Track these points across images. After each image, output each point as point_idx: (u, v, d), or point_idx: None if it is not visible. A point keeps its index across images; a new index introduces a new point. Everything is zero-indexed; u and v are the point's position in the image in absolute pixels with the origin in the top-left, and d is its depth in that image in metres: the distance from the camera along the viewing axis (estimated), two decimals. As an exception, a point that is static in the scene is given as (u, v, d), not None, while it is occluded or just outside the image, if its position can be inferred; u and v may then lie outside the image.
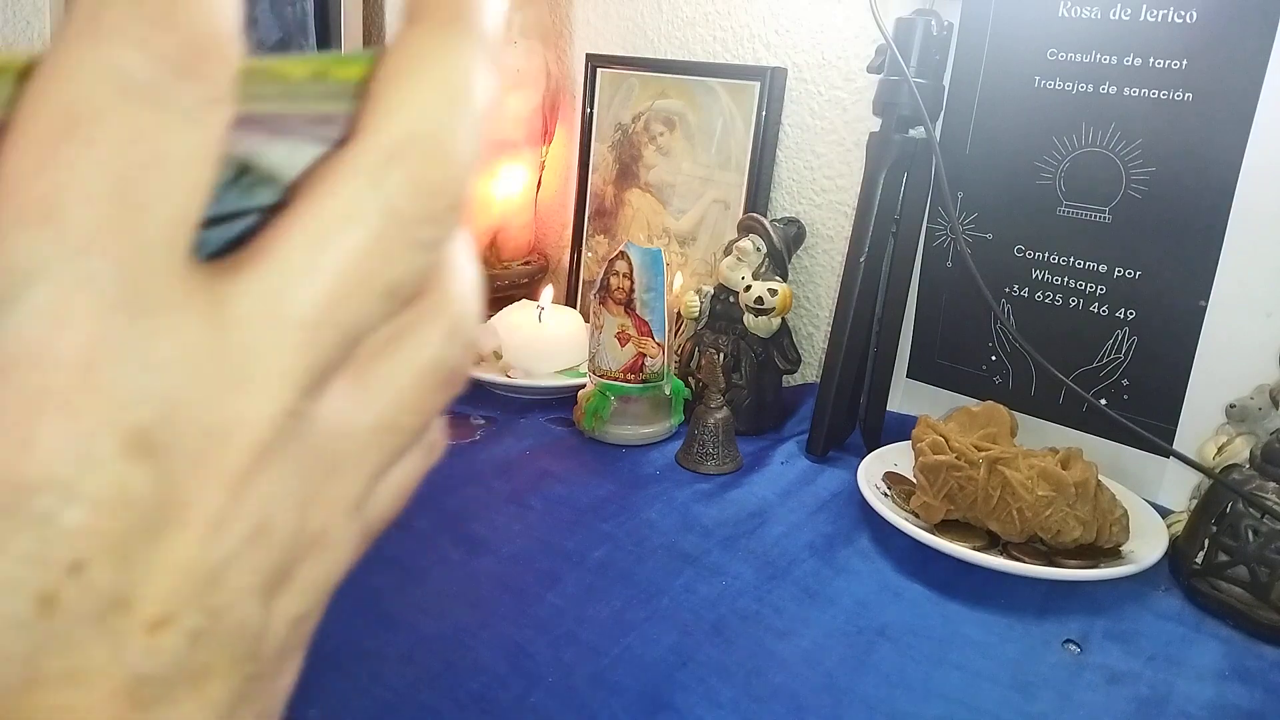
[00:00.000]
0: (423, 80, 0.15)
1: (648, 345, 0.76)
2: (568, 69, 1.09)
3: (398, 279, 0.15)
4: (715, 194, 0.94)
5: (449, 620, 0.53)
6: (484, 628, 0.52)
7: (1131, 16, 0.67)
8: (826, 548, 0.63)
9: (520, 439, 0.78)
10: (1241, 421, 0.65)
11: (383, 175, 0.14)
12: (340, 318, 0.14)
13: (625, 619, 0.54)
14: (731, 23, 0.94)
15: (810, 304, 0.94)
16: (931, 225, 0.79)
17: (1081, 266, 0.72)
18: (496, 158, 1.02)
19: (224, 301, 0.14)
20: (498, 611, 0.54)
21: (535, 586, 0.57)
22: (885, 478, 0.70)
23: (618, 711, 0.46)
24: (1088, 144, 0.71)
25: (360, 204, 0.14)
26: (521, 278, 1.07)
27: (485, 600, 0.55)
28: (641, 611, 0.55)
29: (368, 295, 0.15)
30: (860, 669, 0.51)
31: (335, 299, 0.14)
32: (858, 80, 0.86)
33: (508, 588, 0.57)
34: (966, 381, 0.80)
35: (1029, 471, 0.60)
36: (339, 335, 0.15)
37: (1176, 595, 0.59)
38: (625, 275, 0.76)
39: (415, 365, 0.16)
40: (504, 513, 0.65)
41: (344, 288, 0.14)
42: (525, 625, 0.53)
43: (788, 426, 0.83)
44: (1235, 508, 0.57)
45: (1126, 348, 0.71)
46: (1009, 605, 0.57)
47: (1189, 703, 0.49)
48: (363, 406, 0.16)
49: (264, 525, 0.15)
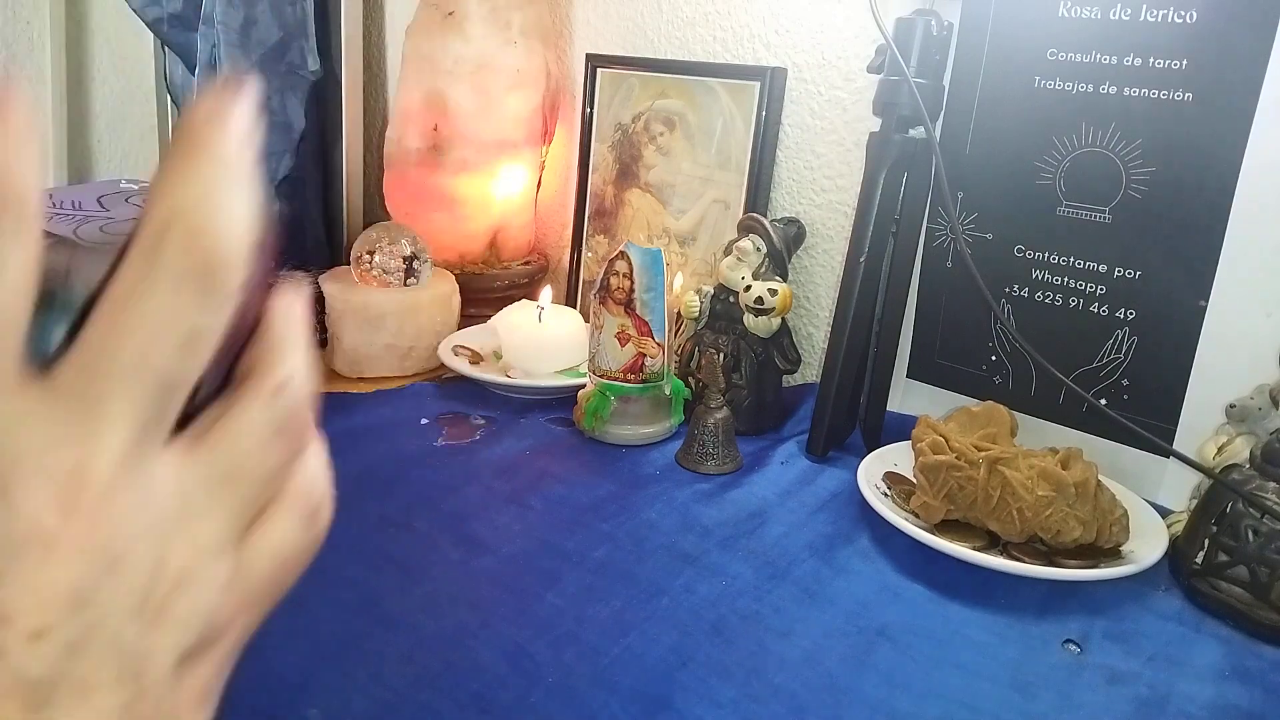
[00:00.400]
0: (178, 178, 0.18)
1: (648, 345, 0.76)
2: (568, 69, 1.09)
3: (190, 330, 0.18)
4: (715, 194, 0.94)
5: (449, 620, 0.53)
6: (484, 628, 0.52)
7: (1131, 16, 0.67)
8: (826, 548, 0.63)
9: (520, 439, 0.78)
10: (1241, 421, 0.65)
11: (157, 247, 0.18)
12: (148, 370, 0.18)
13: (625, 619, 0.54)
14: (731, 23, 0.94)
15: (810, 304, 0.94)
16: (931, 225, 0.79)
17: (1081, 266, 0.72)
18: (496, 159, 1.02)
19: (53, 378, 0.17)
20: (498, 611, 0.54)
21: (535, 586, 0.57)
22: (885, 478, 0.70)
23: (618, 711, 0.46)
24: (1088, 144, 0.71)
25: (143, 273, 0.18)
26: (521, 278, 1.07)
27: (485, 600, 0.55)
28: (641, 611, 0.55)
29: (168, 345, 0.18)
30: (860, 669, 0.51)
31: (141, 352, 0.17)
32: (858, 80, 0.86)
33: (508, 588, 0.57)
34: (966, 381, 0.80)
35: (1029, 471, 0.60)
36: (151, 385, 0.18)
37: (1176, 595, 0.59)
38: (625, 275, 0.76)
39: (245, 422, 0.20)
40: (504, 513, 0.65)
41: (146, 342, 0.17)
42: (525, 625, 0.53)
43: (788, 426, 0.83)
44: (1235, 508, 0.57)
45: (1126, 348, 0.71)
46: (1009, 605, 0.57)
47: (1189, 703, 0.49)
48: (203, 461, 0.19)
49: (122, 554, 0.17)
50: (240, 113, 0.19)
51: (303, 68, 1.15)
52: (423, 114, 1.01)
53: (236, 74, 0.19)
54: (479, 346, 0.91)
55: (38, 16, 1.51)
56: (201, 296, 0.18)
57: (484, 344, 0.92)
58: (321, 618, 0.52)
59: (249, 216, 0.19)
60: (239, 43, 1.14)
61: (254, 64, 1.14)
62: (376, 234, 0.91)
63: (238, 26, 1.13)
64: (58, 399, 0.17)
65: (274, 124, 1.16)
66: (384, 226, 0.92)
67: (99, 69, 1.57)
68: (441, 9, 0.99)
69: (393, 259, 0.89)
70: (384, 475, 0.70)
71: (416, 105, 1.01)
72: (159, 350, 0.18)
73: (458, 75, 0.99)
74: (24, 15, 1.51)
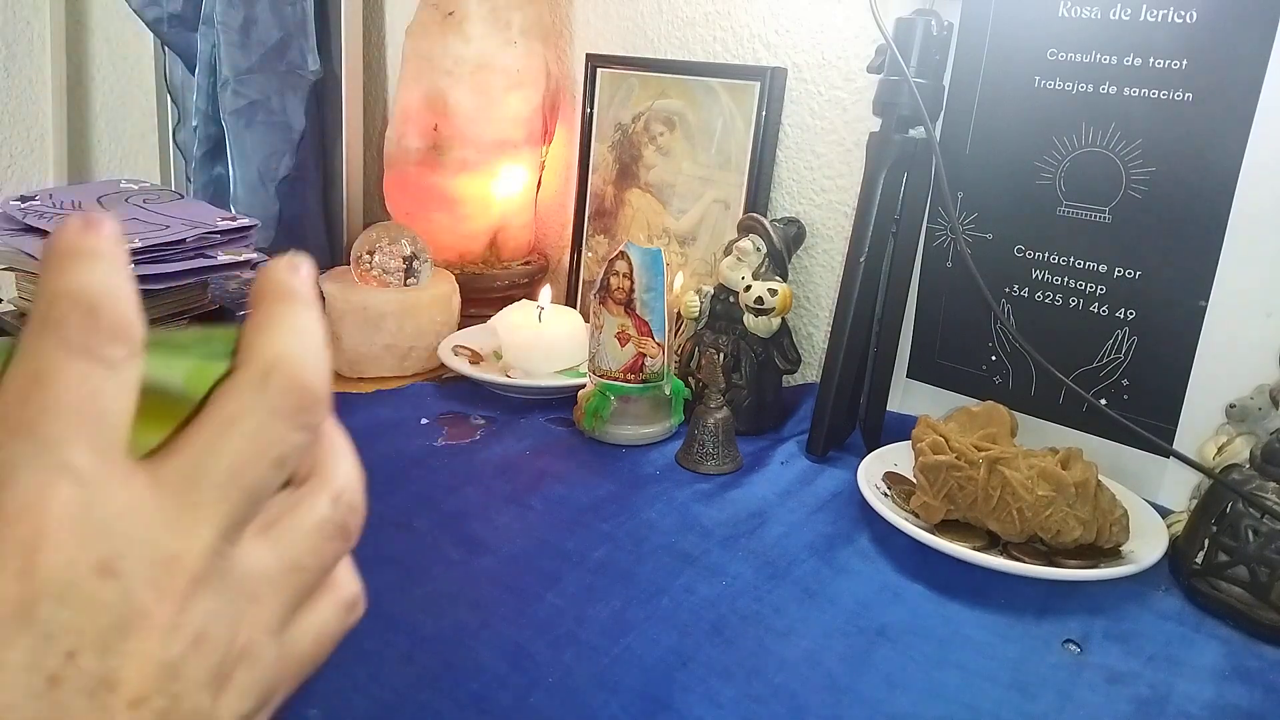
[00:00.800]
0: (279, 325, 0.22)
1: (648, 345, 0.76)
2: (568, 69, 1.09)
3: (283, 453, 0.22)
4: (715, 194, 0.94)
5: (449, 620, 0.53)
6: (484, 628, 0.52)
7: (1131, 16, 0.67)
8: (826, 548, 0.63)
9: (520, 439, 0.78)
10: (1241, 421, 0.65)
11: (262, 384, 0.22)
12: (244, 482, 0.21)
13: (625, 619, 0.54)
14: (731, 23, 0.94)
15: (810, 304, 0.94)
16: (931, 225, 0.79)
17: (1081, 266, 0.72)
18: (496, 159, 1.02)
19: (157, 473, 0.21)
20: (498, 611, 0.54)
21: (535, 586, 0.57)
22: (885, 478, 0.70)
23: (618, 711, 0.46)
24: (1088, 144, 0.71)
25: (247, 404, 0.21)
26: (521, 278, 1.07)
27: (485, 600, 0.55)
28: (641, 611, 0.55)
29: (262, 465, 0.21)
30: (860, 669, 0.51)
31: (237, 468, 0.21)
32: (858, 80, 0.86)
33: (508, 588, 0.57)
34: (966, 381, 0.80)
35: (1029, 471, 0.60)
36: (244, 495, 0.21)
37: (1176, 595, 0.59)
38: (625, 275, 0.76)
39: (310, 522, 0.23)
40: (504, 513, 0.65)
41: (243, 461, 0.21)
42: (525, 625, 0.53)
43: (788, 426, 0.83)
44: (1235, 508, 0.57)
45: (1126, 348, 0.71)
46: (1009, 605, 0.57)
47: (1189, 703, 0.49)
48: (272, 552, 0.22)
49: (204, 633, 0.21)
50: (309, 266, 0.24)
51: (303, 68, 1.15)
52: (423, 114, 1.01)
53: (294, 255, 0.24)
54: (479, 346, 0.91)
55: (38, 16, 1.51)
56: (296, 429, 0.22)
57: (484, 344, 0.92)
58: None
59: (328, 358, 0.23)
60: (239, 43, 1.14)
61: (254, 64, 1.14)
62: (376, 234, 0.91)
63: (238, 26, 1.13)
64: (163, 493, 0.20)
65: (274, 124, 1.16)
66: (384, 226, 0.92)
67: (99, 69, 1.57)
68: (441, 9, 0.99)
69: (393, 259, 0.89)
70: (384, 475, 0.70)
71: (416, 105, 1.01)
72: (256, 468, 0.21)
73: (458, 75, 0.99)
74: (24, 15, 1.51)
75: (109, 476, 0.20)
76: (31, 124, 1.54)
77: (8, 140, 1.53)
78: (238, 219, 0.91)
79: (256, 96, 1.15)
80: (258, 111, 1.16)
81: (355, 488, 0.25)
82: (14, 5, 1.49)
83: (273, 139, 1.16)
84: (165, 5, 1.24)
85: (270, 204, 1.17)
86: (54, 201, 0.91)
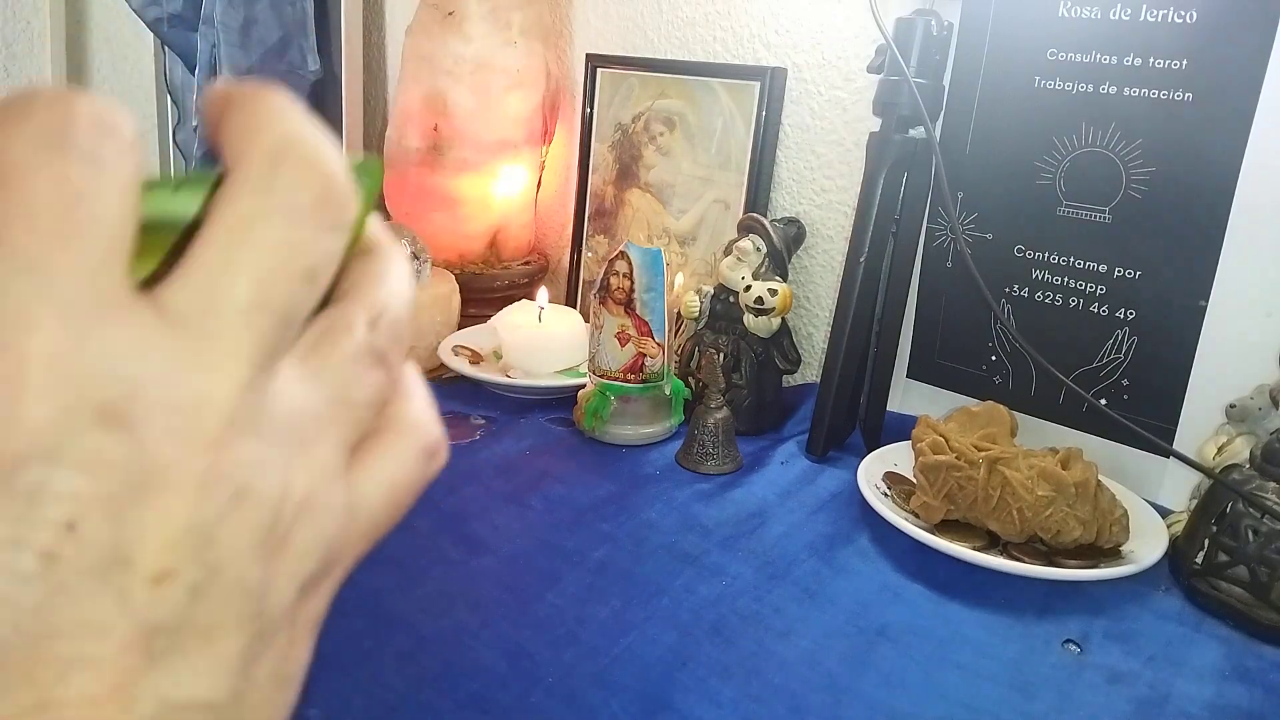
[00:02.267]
0: (273, 118, 0.18)
1: (648, 345, 0.76)
2: (568, 69, 1.09)
3: (313, 263, 0.17)
4: (715, 194, 0.94)
5: (449, 620, 0.53)
6: (484, 628, 0.52)
7: (1131, 16, 0.67)
8: (826, 548, 0.63)
9: (520, 439, 0.78)
10: (1241, 421, 0.65)
11: (271, 177, 0.17)
12: (270, 301, 0.17)
13: (625, 619, 0.54)
14: (731, 23, 0.94)
15: (810, 304, 0.94)
16: (931, 225, 0.79)
17: (1081, 266, 0.72)
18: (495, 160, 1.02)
19: (165, 303, 0.16)
20: (498, 611, 0.54)
21: (535, 586, 0.57)
22: (885, 478, 0.70)
23: (618, 711, 0.46)
24: (1088, 144, 0.71)
25: (259, 203, 0.17)
26: (521, 278, 1.07)
27: (485, 600, 0.55)
28: (641, 611, 0.55)
29: (289, 279, 0.17)
30: (860, 669, 0.51)
31: (261, 286, 0.17)
32: (858, 80, 0.86)
33: (508, 588, 0.57)
34: (966, 381, 0.80)
35: (1029, 471, 0.60)
36: (274, 317, 0.17)
37: (1176, 595, 0.59)
38: (625, 275, 0.76)
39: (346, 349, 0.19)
40: (504, 513, 0.65)
41: (267, 275, 0.17)
42: (525, 625, 0.53)
43: (788, 426, 0.83)
44: (1235, 508, 0.57)
45: (1126, 348, 0.71)
46: (1009, 605, 0.57)
47: (1189, 703, 0.49)
48: (314, 384, 0.18)
49: (245, 488, 0.16)
50: None
51: (303, 68, 1.15)
52: (423, 114, 1.01)
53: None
54: (479, 346, 0.91)
55: (38, 16, 1.51)
56: (321, 230, 0.17)
57: (484, 344, 0.92)
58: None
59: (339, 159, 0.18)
60: (239, 43, 1.14)
61: (254, 64, 1.14)
62: (376, 234, 0.91)
63: (238, 26, 1.13)
64: (174, 328, 0.16)
65: (274, 124, 1.16)
66: (384, 226, 0.92)
67: (99, 69, 1.57)
68: (441, 9, 0.99)
69: (393, 259, 0.89)
70: (384, 475, 0.70)
71: (416, 105, 1.01)
72: (281, 284, 0.17)
73: (458, 75, 0.99)
74: (24, 15, 1.51)
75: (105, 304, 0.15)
76: (31, 124, 1.54)
77: (8, 140, 1.53)
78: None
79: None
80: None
81: (397, 310, 0.20)
82: (14, 5, 1.50)
83: (273, 139, 1.16)
84: (165, 5, 1.24)
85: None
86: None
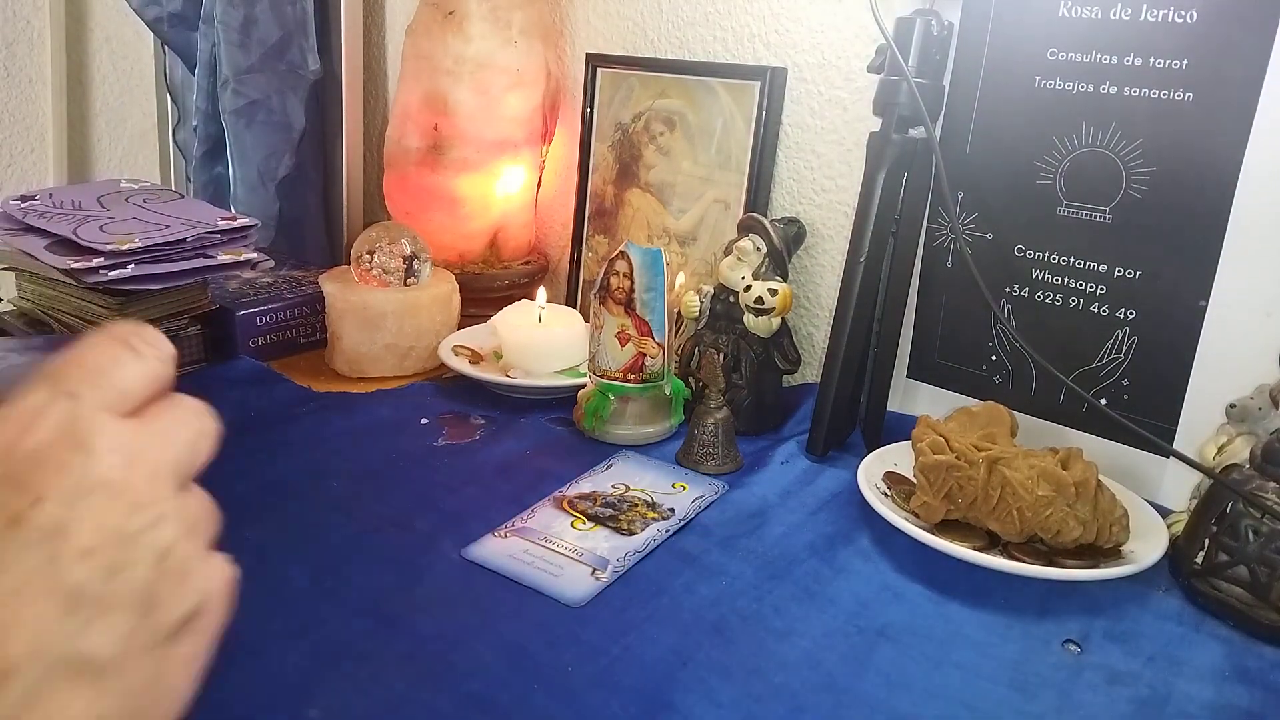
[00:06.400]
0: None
1: (648, 345, 0.76)
2: (568, 69, 1.08)
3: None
4: (715, 194, 0.94)
5: (449, 620, 0.53)
6: (484, 628, 0.52)
7: (1131, 16, 0.67)
8: (826, 548, 0.63)
9: (520, 439, 0.78)
10: (1241, 421, 0.65)
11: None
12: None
13: (625, 619, 0.54)
14: (731, 23, 0.94)
15: (810, 304, 0.94)
16: (931, 225, 0.79)
17: (1081, 266, 0.72)
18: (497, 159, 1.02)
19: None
20: (498, 611, 0.54)
21: (535, 586, 0.57)
22: (885, 478, 0.70)
23: (618, 711, 0.46)
24: (1088, 144, 0.71)
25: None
26: (521, 278, 1.07)
27: (485, 600, 0.55)
28: (641, 611, 0.55)
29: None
30: (860, 669, 0.51)
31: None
32: (858, 80, 0.86)
33: (508, 587, 0.57)
34: (966, 381, 0.80)
35: (1029, 471, 0.60)
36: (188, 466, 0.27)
37: (1176, 595, 0.59)
38: (625, 275, 0.76)
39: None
40: (504, 513, 0.65)
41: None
42: (525, 625, 0.53)
43: (788, 426, 0.83)
44: (1235, 508, 0.57)
45: (1126, 348, 0.71)
46: (1009, 605, 0.57)
47: (1189, 703, 0.49)
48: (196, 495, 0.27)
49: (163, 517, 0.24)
50: None
51: (303, 67, 1.15)
52: (423, 114, 1.01)
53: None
54: (479, 346, 0.91)
55: (38, 16, 1.51)
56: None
57: (484, 344, 0.92)
58: (321, 618, 0.52)
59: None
60: (239, 42, 1.14)
61: (254, 64, 1.14)
62: (376, 233, 0.91)
63: (238, 26, 1.13)
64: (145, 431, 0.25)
65: (274, 124, 1.16)
66: (384, 226, 0.92)
67: (99, 69, 1.57)
68: (441, 9, 0.98)
69: (393, 259, 0.89)
70: (384, 475, 0.70)
71: (416, 105, 1.01)
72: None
73: (458, 75, 0.99)
74: (24, 15, 1.51)
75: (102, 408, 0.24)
76: (31, 124, 1.54)
77: (8, 140, 1.53)
78: (238, 219, 0.91)
79: (256, 96, 1.15)
80: (258, 111, 1.15)
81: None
82: (14, 5, 1.49)
83: (273, 139, 1.16)
84: (165, 5, 1.24)
85: (270, 204, 1.17)
86: (54, 201, 0.91)
